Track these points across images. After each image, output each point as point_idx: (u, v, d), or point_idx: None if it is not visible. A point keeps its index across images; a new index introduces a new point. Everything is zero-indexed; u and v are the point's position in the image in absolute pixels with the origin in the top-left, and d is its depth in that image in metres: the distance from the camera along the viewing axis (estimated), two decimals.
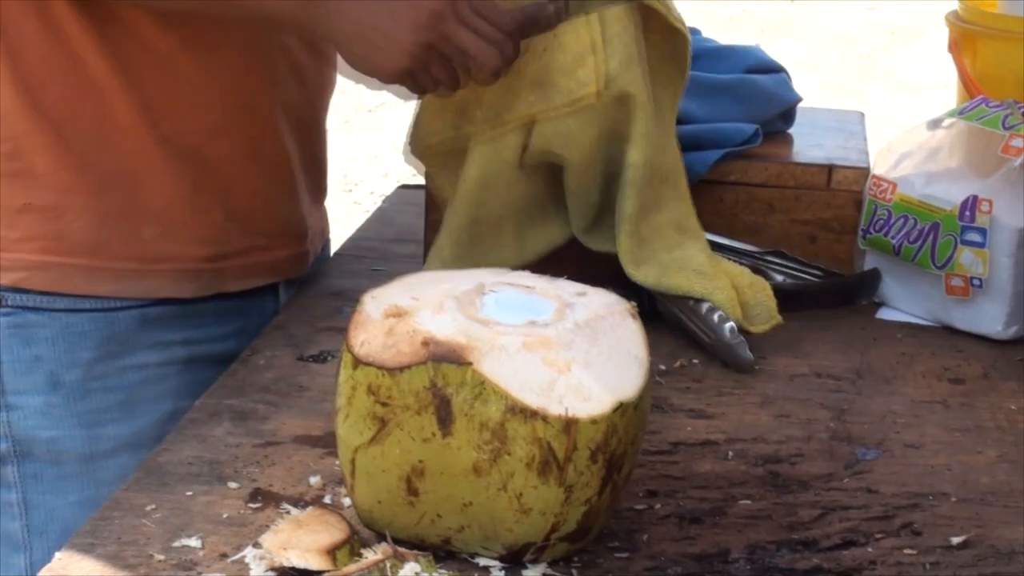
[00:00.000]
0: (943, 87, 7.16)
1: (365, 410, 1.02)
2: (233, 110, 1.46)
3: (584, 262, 1.42)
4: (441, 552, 1.05)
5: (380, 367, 1.01)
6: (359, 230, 1.86)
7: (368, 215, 1.98)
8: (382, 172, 6.03)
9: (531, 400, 0.99)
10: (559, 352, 1.02)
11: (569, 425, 0.99)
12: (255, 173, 1.50)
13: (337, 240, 1.85)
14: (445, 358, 1.00)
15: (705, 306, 1.44)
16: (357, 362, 1.03)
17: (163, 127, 1.42)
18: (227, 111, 1.46)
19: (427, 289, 1.10)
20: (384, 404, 1.01)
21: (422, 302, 1.07)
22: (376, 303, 1.07)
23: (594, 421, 0.99)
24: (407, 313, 1.05)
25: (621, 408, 1.01)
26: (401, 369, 1.01)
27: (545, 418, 0.98)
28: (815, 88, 7.60)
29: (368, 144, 6.41)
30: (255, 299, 1.56)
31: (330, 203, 1.73)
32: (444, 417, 1.00)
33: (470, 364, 1.00)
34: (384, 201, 2.00)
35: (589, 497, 1.02)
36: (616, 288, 1.16)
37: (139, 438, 1.43)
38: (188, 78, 1.42)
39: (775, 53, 1.88)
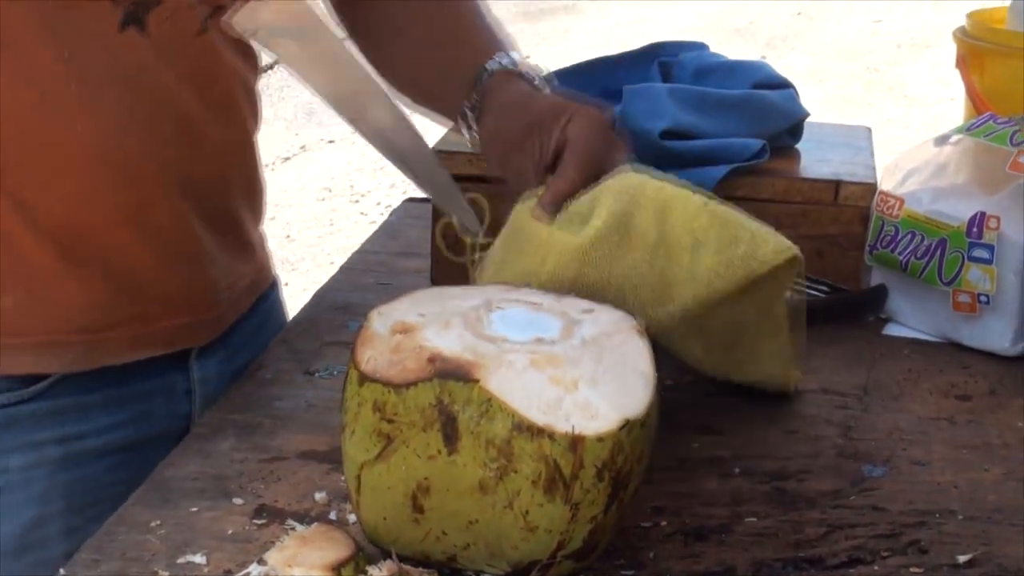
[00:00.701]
0: (950, 100, 7.16)
1: (371, 427, 1.02)
2: (107, 173, 1.30)
3: None
4: (446, 569, 1.05)
5: (386, 384, 1.01)
6: (365, 243, 1.86)
7: (375, 226, 1.98)
8: (389, 183, 6.04)
9: (537, 418, 0.99)
10: (566, 370, 1.02)
11: (575, 443, 0.98)
12: (138, 239, 1.33)
13: (344, 252, 1.85)
14: (451, 375, 1.00)
15: None
16: (363, 378, 1.03)
17: (23, 194, 1.27)
18: (99, 175, 1.29)
19: (434, 305, 1.10)
20: (390, 421, 1.01)
21: (429, 318, 1.07)
22: (383, 319, 1.07)
23: (600, 439, 0.99)
24: (414, 329, 1.05)
25: (628, 426, 1.00)
26: (407, 386, 1.01)
27: (551, 436, 0.98)
28: (821, 101, 7.59)
29: (375, 155, 6.42)
30: (157, 379, 1.41)
31: (335, 212, 1.73)
32: (450, 434, 1.00)
33: (476, 381, 1.00)
34: (391, 214, 2.00)
35: (595, 515, 1.01)
36: None
37: None
38: (50, 140, 1.27)
39: (782, 66, 1.88)
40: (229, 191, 1.46)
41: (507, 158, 1.37)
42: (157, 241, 1.35)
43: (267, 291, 1.58)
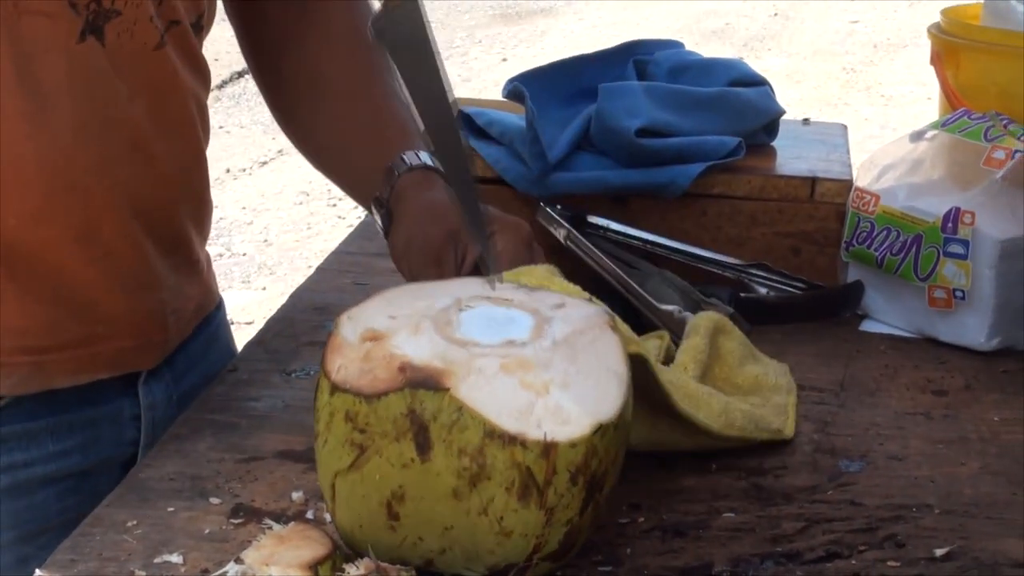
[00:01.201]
0: (926, 100, 7.18)
1: (343, 436, 1.01)
2: (59, 189, 1.26)
3: None
4: (424, 572, 1.05)
5: (357, 394, 1.01)
6: (342, 244, 1.86)
7: (351, 229, 1.98)
8: None
9: (509, 425, 0.98)
10: (537, 374, 1.01)
11: (548, 449, 0.98)
12: (87, 258, 1.30)
13: (322, 256, 1.84)
14: (422, 384, 1.00)
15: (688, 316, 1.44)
16: (334, 388, 1.02)
17: None
18: (51, 191, 1.26)
19: (404, 306, 1.09)
20: (362, 431, 1.00)
21: (399, 322, 1.06)
22: (353, 324, 1.06)
23: (573, 445, 0.99)
24: (384, 337, 1.04)
25: (601, 430, 1.00)
26: (378, 396, 1.00)
27: (524, 443, 0.98)
28: (798, 101, 7.62)
29: None
30: (104, 405, 1.39)
31: (313, 215, 1.73)
32: (422, 443, 0.99)
33: (447, 390, 0.99)
34: (367, 215, 1.99)
35: (571, 517, 1.01)
36: None
37: None
38: (1, 153, 1.23)
39: (759, 67, 1.89)
40: (178, 211, 1.42)
41: (423, 270, 1.34)
42: (107, 261, 1.31)
43: (212, 312, 1.56)
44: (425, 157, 1.41)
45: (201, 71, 1.42)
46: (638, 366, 1.14)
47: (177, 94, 1.37)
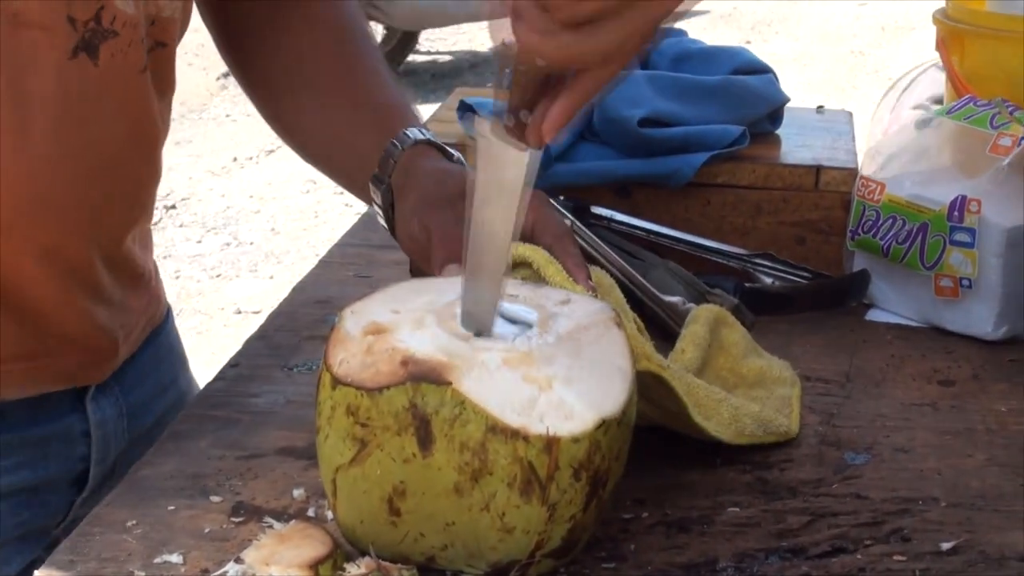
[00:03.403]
0: None
1: (345, 431, 1.01)
2: (29, 203, 1.24)
3: None
4: (425, 569, 1.04)
5: (359, 387, 1.00)
6: (344, 236, 1.85)
7: (359, 216, 1.97)
8: None
9: (512, 420, 0.97)
10: (540, 368, 1.01)
11: (550, 444, 0.97)
12: (45, 274, 1.27)
13: (329, 245, 1.84)
14: (424, 378, 0.99)
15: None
16: (336, 382, 1.01)
17: None
18: (21, 204, 1.23)
19: (407, 301, 1.08)
20: (364, 425, 1.00)
21: (402, 316, 1.05)
22: (355, 318, 1.06)
23: (576, 440, 0.98)
24: (386, 330, 1.03)
25: (604, 425, 0.99)
26: (380, 390, 0.99)
27: (526, 438, 0.97)
28: (806, 85, 7.61)
29: None
30: (54, 423, 1.37)
31: (320, 203, 1.71)
32: (424, 438, 0.98)
33: (450, 384, 0.98)
34: (369, 207, 1.98)
35: (574, 514, 1.00)
36: None
37: None
38: None
39: (766, 51, 1.89)
40: (130, 228, 1.39)
41: (447, 227, 1.26)
42: (64, 278, 1.29)
43: (161, 324, 1.53)
44: (425, 133, 1.39)
45: (171, 87, 1.40)
46: (652, 378, 1.14)
47: (149, 116, 1.34)
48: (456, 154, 1.39)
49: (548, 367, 1.01)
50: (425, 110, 1.56)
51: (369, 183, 1.39)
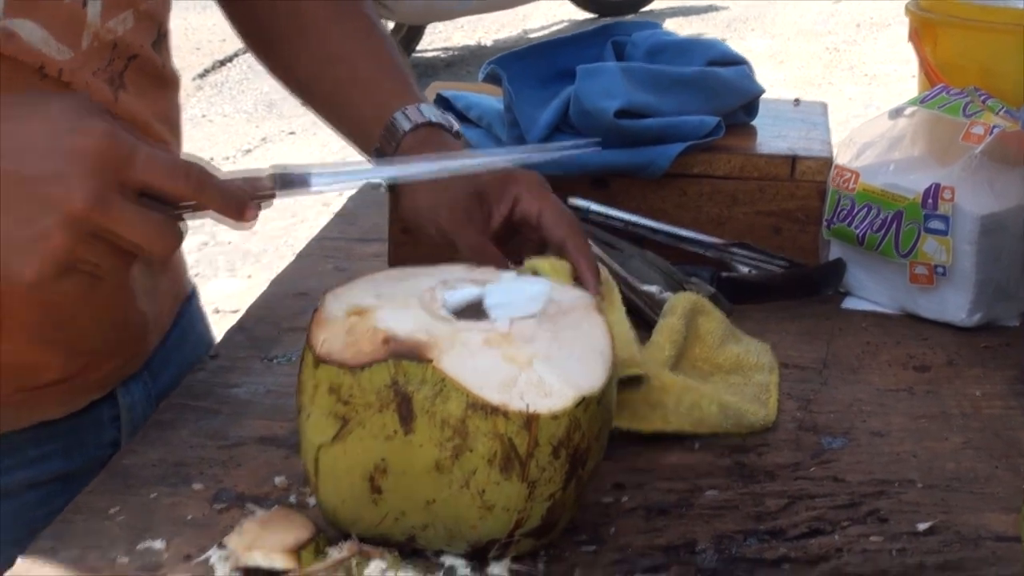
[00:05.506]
0: (910, 78, 7.17)
1: (327, 409, 1.01)
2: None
3: None
4: (407, 550, 1.05)
5: (341, 365, 1.01)
6: (323, 230, 1.85)
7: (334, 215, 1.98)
8: None
9: (492, 396, 0.98)
10: (520, 347, 1.02)
11: (530, 421, 0.98)
12: (74, 288, 1.18)
13: (304, 240, 1.84)
14: (406, 355, 1.00)
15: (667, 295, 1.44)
16: (318, 361, 1.02)
17: None
18: None
19: (390, 287, 1.09)
20: (346, 403, 1.00)
21: (384, 300, 1.06)
22: (338, 301, 1.07)
23: (555, 416, 0.99)
24: (368, 311, 1.04)
25: (584, 403, 1.00)
26: (362, 367, 1.00)
27: (506, 414, 0.98)
28: (782, 82, 7.64)
29: (336, 146, 6.40)
30: (84, 414, 1.37)
31: (298, 203, 1.71)
32: (405, 415, 0.99)
33: (430, 361, 0.99)
34: (348, 200, 1.99)
35: (553, 492, 1.01)
36: None
37: None
38: None
39: (743, 48, 1.89)
40: None
41: (458, 229, 1.32)
42: (91, 291, 1.20)
43: (185, 303, 1.54)
44: (428, 113, 1.39)
45: (166, 84, 1.39)
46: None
47: (150, 132, 1.33)
48: (456, 126, 1.40)
49: (528, 346, 1.02)
50: None
51: (372, 154, 1.40)
